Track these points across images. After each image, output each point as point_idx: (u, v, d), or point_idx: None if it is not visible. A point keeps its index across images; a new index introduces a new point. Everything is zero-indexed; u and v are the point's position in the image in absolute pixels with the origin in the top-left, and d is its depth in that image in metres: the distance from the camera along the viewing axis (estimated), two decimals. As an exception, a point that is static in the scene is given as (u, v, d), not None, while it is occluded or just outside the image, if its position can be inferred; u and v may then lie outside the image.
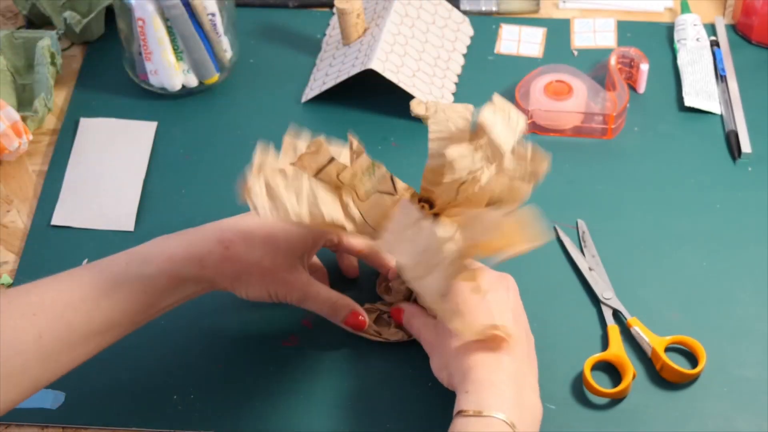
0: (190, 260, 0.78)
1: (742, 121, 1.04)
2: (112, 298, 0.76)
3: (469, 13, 1.16)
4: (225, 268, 0.80)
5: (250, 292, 0.82)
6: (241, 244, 0.79)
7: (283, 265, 0.81)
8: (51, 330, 0.74)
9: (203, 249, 0.79)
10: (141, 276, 0.77)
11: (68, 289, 0.76)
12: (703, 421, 0.83)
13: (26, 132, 1.02)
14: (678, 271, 0.93)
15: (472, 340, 0.76)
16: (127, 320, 0.78)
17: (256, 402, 0.85)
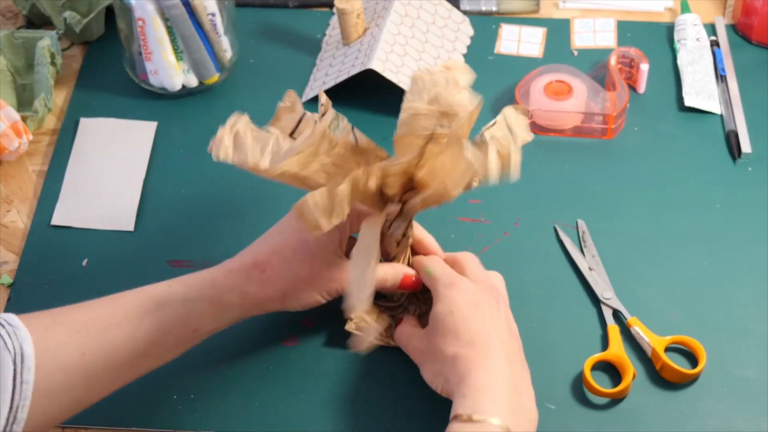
0: (230, 287, 0.79)
1: (742, 121, 1.04)
2: (155, 319, 0.76)
3: (469, 13, 1.16)
4: (268, 290, 0.80)
5: (302, 302, 0.82)
6: (277, 263, 0.80)
7: (323, 265, 0.81)
8: (94, 348, 0.74)
9: (242, 276, 0.80)
10: (183, 299, 0.78)
11: (111, 308, 0.77)
12: (703, 421, 0.83)
13: (26, 132, 1.02)
14: (678, 271, 0.93)
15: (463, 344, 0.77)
16: (170, 342, 0.78)
17: (256, 402, 0.85)
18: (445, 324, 0.79)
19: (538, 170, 1.01)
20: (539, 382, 0.86)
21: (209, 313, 0.79)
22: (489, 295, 0.81)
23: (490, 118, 1.06)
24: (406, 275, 0.85)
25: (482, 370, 0.75)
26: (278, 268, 0.80)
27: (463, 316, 0.78)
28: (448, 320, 0.79)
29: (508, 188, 1.00)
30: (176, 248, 0.96)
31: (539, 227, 0.97)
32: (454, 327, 0.78)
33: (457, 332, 0.78)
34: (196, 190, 1.01)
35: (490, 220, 0.97)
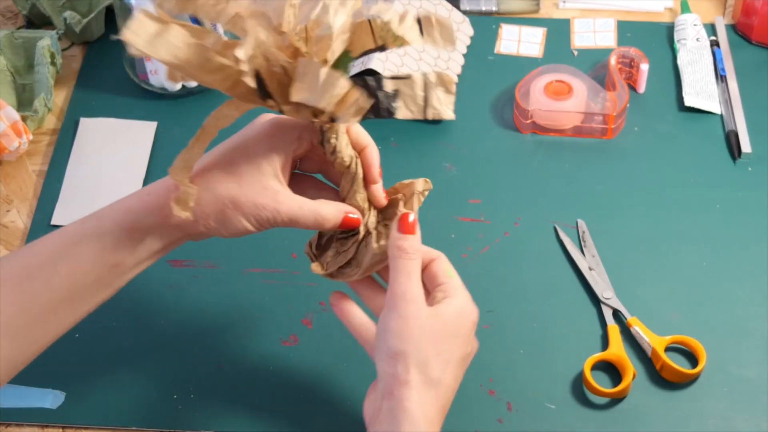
0: (147, 209, 0.72)
1: (742, 121, 1.04)
2: (70, 261, 0.71)
3: (469, 13, 1.16)
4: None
5: (229, 229, 0.73)
6: (202, 182, 0.71)
7: (252, 189, 0.72)
8: (10, 303, 0.70)
9: (161, 195, 0.72)
10: (98, 233, 0.71)
11: (24, 259, 0.72)
12: (703, 421, 0.83)
13: (26, 132, 1.02)
14: (678, 271, 0.93)
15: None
16: (92, 284, 0.72)
17: (256, 402, 0.85)
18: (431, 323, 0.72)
19: (538, 170, 1.01)
20: (539, 382, 0.86)
21: (128, 244, 0.72)
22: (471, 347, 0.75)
23: (487, 118, 1.06)
24: (346, 216, 0.76)
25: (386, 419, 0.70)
26: (202, 187, 0.71)
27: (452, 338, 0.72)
28: (453, 340, 0.72)
29: (508, 188, 1.00)
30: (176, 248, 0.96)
31: (539, 227, 0.97)
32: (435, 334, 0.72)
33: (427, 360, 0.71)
34: (196, 190, 1.01)
35: (490, 220, 0.97)
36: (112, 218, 0.72)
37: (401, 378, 0.70)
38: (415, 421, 0.69)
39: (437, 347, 0.71)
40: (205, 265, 0.95)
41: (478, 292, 0.91)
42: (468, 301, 0.75)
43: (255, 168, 0.73)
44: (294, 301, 0.92)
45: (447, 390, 0.72)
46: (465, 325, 0.74)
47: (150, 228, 0.72)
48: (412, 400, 0.70)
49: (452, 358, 0.72)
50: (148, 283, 0.94)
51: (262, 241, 0.96)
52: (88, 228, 0.72)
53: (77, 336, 0.90)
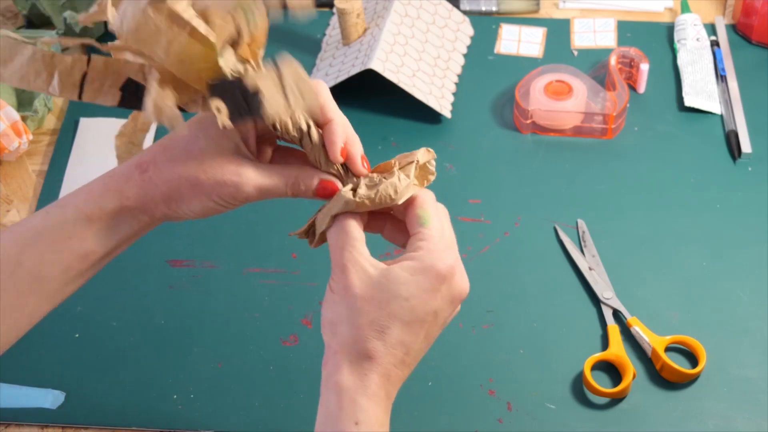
0: (109, 194, 0.69)
1: (742, 121, 1.04)
2: (34, 251, 0.69)
3: (469, 13, 1.16)
4: (149, 192, 0.69)
5: (192, 208, 0.70)
6: (161, 162, 0.69)
7: (213, 165, 0.69)
8: None
9: (121, 178, 0.70)
10: (61, 222, 0.69)
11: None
12: (703, 421, 0.83)
13: (26, 132, 1.02)
14: (678, 271, 0.93)
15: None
16: (59, 274, 0.70)
17: (256, 402, 0.85)
18: (391, 308, 0.67)
19: (538, 170, 1.01)
20: (539, 382, 0.86)
21: (94, 231, 0.69)
22: (452, 304, 0.70)
23: (487, 118, 1.06)
24: (322, 182, 0.71)
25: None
26: (162, 167, 0.69)
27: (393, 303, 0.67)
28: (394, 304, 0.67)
29: (508, 188, 1.00)
30: (176, 248, 0.96)
31: (539, 227, 0.97)
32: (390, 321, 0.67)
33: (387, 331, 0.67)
34: (196, 190, 1.01)
35: (490, 220, 0.97)
36: (75, 205, 0.69)
37: (333, 348, 0.68)
38: (344, 392, 0.67)
39: (370, 316, 0.67)
40: (205, 265, 0.95)
41: (478, 292, 0.91)
42: (434, 255, 0.68)
43: (214, 144, 0.70)
44: (294, 301, 0.92)
45: (389, 359, 0.68)
46: (419, 284, 0.67)
47: (114, 213, 0.70)
48: (343, 373, 0.68)
49: (392, 324, 0.67)
50: (148, 283, 0.94)
51: (262, 241, 0.97)
52: (52, 217, 0.69)
53: (77, 336, 0.90)
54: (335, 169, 0.71)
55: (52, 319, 0.91)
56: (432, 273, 0.68)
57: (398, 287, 0.67)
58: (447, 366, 0.85)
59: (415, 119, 1.04)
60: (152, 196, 0.69)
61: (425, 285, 0.68)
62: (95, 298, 0.92)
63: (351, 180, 0.72)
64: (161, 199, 0.70)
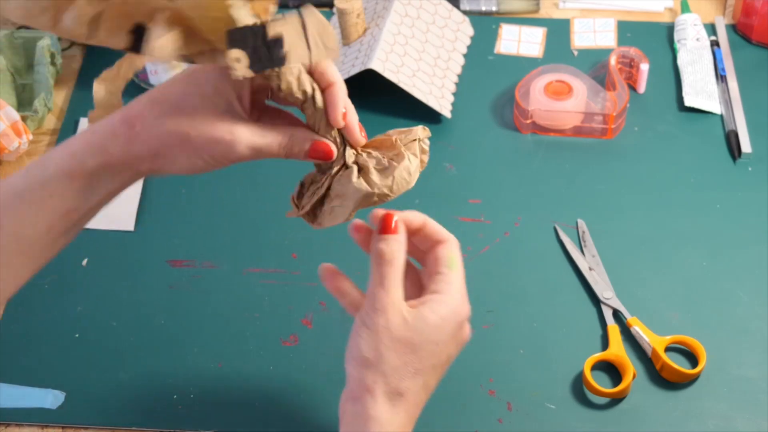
0: (91, 151, 0.67)
1: (742, 121, 1.04)
2: (16, 213, 0.67)
3: (469, 13, 1.16)
4: (136, 148, 0.67)
5: (179, 165, 0.68)
6: (149, 118, 0.67)
7: (205, 122, 0.67)
8: None
9: (105, 134, 0.67)
10: (42, 181, 0.67)
11: None
12: (703, 421, 0.83)
13: (26, 132, 1.02)
14: (678, 271, 0.93)
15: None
16: (44, 234, 0.68)
17: (256, 402, 0.85)
18: (401, 334, 0.69)
19: (538, 170, 1.01)
20: (539, 382, 0.86)
21: (76, 189, 0.67)
22: (460, 346, 0.73)
23: (487, 118, 1.06)
24: (315, 142, 0.70)
25: (352, 419, 0.70)
26: (150, 122, 0.66)
27: (406, 347, 0.69)
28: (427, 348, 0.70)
29: (508, 188, 1.00)
30: (176, 248, 0.96)
31: (539, 227, 0.97)
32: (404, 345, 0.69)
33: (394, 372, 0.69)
34: (196, 190, 1.01)
35: (490, 220, 0.97)
36: (56, 163, 0.67)
37: (366, 385, 0.69)
38: (382, 428, 0.69)
39: (405, 358, 0.69)
40: (205, 265, 0.95)
41: (478, 292, 0.91)
42: (458, 301, 0.71)
43: (207, 101, 0.68)
44: (294, 301, 0.92)
45: (415, 398, 0.71)
46: (446, 329, 0.71)
47: (96, 170, 0.67)
48: (378, 409, 0.69)
49: (423, 366, 0.70)
50: (148, 283, 0.94)
51: (262, 241, 0.97)
52: (33, 176, 0.67)
53: (77, 336, 0.90)
54: (332, 136, 0.70)
55: (52, 319, 0.91)
56: (458, 320, 0.72)
57: (430, 332, 0.70)
58: (447, 366, 0.85)
59: (415, 119, 1.04)
60: (138, 152, 0.67)
61: (451, 330, 0.71)
62: (95, 298, 0.92)
63: (345, 155, 0.70)
64: (148, 155, 0.67)
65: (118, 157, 0.67)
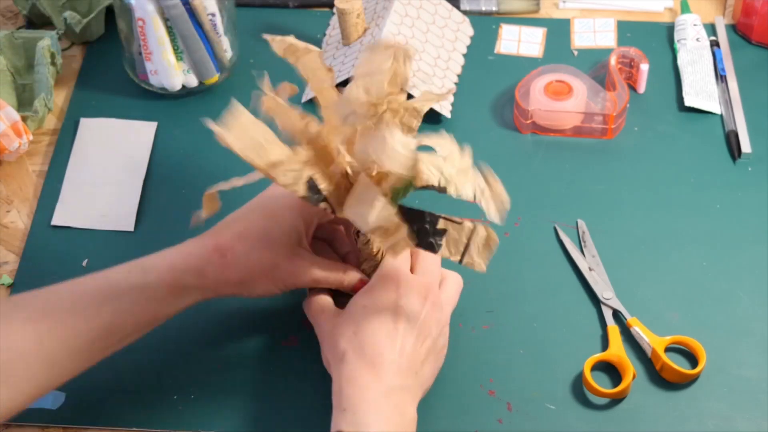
0: (190, 271, 0.78)
1: (742, 121, 1.04)
2: (113, 306, 0.77)
3: (469, 13, 1.16)
4: (226, 275, 0.79)
5: (257, 291, 0.82)
6: (239, 249, 0.79)
7: (284, 256, 0.80)
8: (52, 335, 0.74)
9: (202, 259, 0.79)
10: (142, 285, 0.78)
11: (70, 296, 0.77)
12: (703, 421, 0.83)
13: (26, 132, 1.02)
14: (678, 271, 0.93)
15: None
16: (129, 327, 0.78)
17: (256, 402, 0.85)
18: (354, 316, 0.78)
19: (538, 170, 1.01)
20: (539, 382, 0.86)
21: (168, 299, 0.79)
22: (419, 295, 0.79)
23: (487, 118, 1.06)
24: (361, 281, 0.84)
25: (361, 382, 0.75)
26: (239, 254, 0.79)
27: (374, 312, 0.78)
28: (358, 314, 0.78)
29: (508, 188, 1.00)
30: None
31: (539, 227, 0.97)
32: (358, 322, 0.78)
33: (359, 330, 0.77)
34: (196, 190, 1.01)
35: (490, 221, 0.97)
36: (157, 274, 0.78)
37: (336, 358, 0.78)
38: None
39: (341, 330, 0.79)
40: (205, 265, 0.95)
41: (478, 292, 0.92)
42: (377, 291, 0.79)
43: (287, 237, 0.80)
44: (294, 301, 0.92)
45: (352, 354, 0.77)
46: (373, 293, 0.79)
47: (189, 287, 0.79)
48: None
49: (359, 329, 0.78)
50: (148, 283, 0.94)
51: (262, 241, 0.97)
52: (134, 279, 0.78)
53: (77, 336, 0.90)
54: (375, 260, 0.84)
55: (52, 320, 0.91)
56: (380, 281, 0.79)
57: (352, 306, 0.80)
58: (447, 366, 0.85)
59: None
60: (228, 279, 0.79)
61: (377, 290, 0.79)
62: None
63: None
64: (236, 282, 0.80)
65: (211, 281, 0.79)
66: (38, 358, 0.74)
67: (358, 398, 0.74)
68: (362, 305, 0.79)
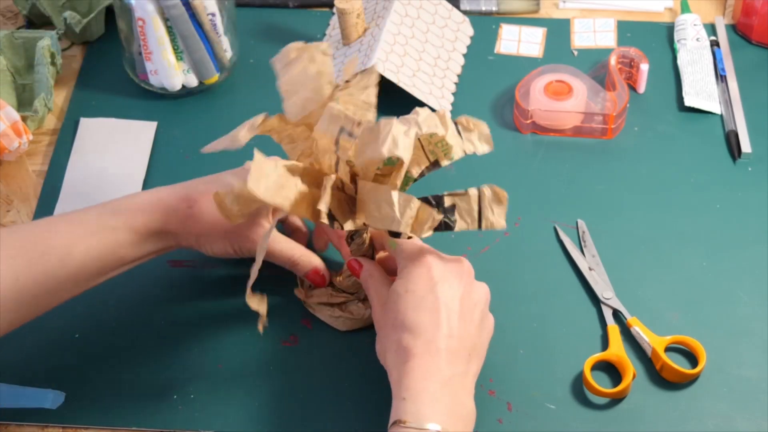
0: (156, 215, 0.82)
1: (742, 121, 1.04)
2: (84, 248, 0.80)
3: (469, 13, 1.16)
4: (188, 225, 0.83)
5: (214, 248, 0.85)
6: (205, 203, 0.82)
7: (248, 225, 0.84)
8: (27, 274, 0.77)
9: (169, 205, 0.82)
10: (112, 227, 0.81)
11: (45, 236, 0.80)
12: (703, 421, 0.83)
13: (26, 132, 1.02)
14: (678, 271, 0.93)
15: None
16: (96, 269, 0.82)
17: (256, 402, 0.85)
18: (398, 304, 0.78)
19: (538, 170, 1.01)
20: (539, 382, 0.86)
21: (135, 242, 0.82)
22: (455, 275, 0.79)
23: (487, 118, 1.06)
24: (315, 269, 0.88)
25: (419, 371, 0.75)
26: (204, 209, 0.82)
27: (416, 298, 0.77)
28: (401, 301, 0.78)
29: (508, 188, 1.00)
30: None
31: (539, 227, 0.97)
32: (404, 310, 0.77)
33: (405, 317, 0.77)
34: (196, 190, 1.01)
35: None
36: (127, 216, 0.82)
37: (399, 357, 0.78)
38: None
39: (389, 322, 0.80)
40: (205, 265, 0.95)
41: (478, 292, 0.92)
42: (411, 274, 0.79)
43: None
44: (294, 301, 0.92)
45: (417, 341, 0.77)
46: (410, 278, 0.79)
47: (155, 231, 0.82)
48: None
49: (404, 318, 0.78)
50: (148, 283, 0.94)
51: (262, 241, 0.97)
52: (104, 221, 0.81)
53: (77, 336, 0.90)
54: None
55: (52, 319, 0.91)
56: (412, 264, 0.79)
57: (393, 293, 0.79)
58: (447, 366, 0.85)
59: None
60: (189, 229, 0.83)
61: (413, 275, 0.79)
62: (95, 298, 0.92)
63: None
64: (195, 233, 0.84)
65: (174, 229, 0.83)
66: (12, 295, 0.77)
67: (417, 389, 0.74)
68: (403, 290, 0.78)
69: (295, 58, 0.79)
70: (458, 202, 0.78)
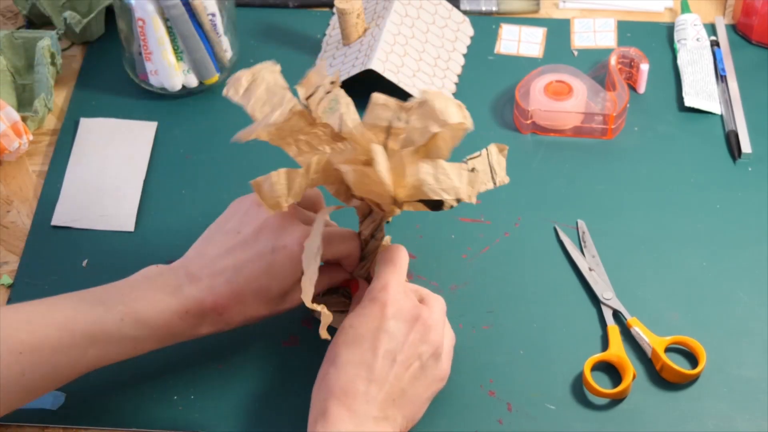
0: (182, 328, 0.80)
1: (742, 121, 1.04)
2: (101, 350, 0.78)
3: (469, 13, 1.16)
4: (221, 327, 0.82)
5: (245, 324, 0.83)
6: (236, 308, 0.80)
7: (278, 301, 0.82)
8: (35, 370, 0.75)
9: (197, 318, 0.80)
10: (134, 336, 0.78)
11: (59, 334, 0.76)
12: (703, 421, 0.83)
13: (26, 132, 1.02)
14: (678, 271, 0.93)
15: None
16: (111, 363, 0.80)
17: (257, 402, 0.85)
18: (338, 337, 0.78)
19: (538, 170, 1.01)
20: (539, 382, 0.86)
21: (156, 345, 0.81)
22: (407, 320, 0.78)
23: (487, 118, 1.06)
24: (352, 282, 0.86)
25: (336, 411, 0.74)
26: (235, 311, 0.80)
27: (355, 335, 0.77)
28: (341, 334, 0.78)
29: (508, 188, 1.00)
30: (176, 248, 0.96)
31: (539, 227, 0.97)
32: (339, 344, 0.77)
33: (338, 352, 0.77)
34: (196, 190, 1.01)
35: (490, 220, 0.97)
36: (151, 330, 0.79)
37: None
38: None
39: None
40: (205, 265, 0.95)
41: (478, 293, 0.92)
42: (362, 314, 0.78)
43: (284, 290, 0.81)
44: (294, 301, 0.92)
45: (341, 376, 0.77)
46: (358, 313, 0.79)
47: (181, 335, 0.81)
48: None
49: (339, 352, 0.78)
50: (148, 283, 0.93)
51: (262, 241, 0.96)
52: (126, 330, 0.78)
53: (77, 336, 0.90)
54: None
55: (52, 320, 0.91)
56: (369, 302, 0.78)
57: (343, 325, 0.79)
58: (447, 366, 0.85)
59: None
60: (223, 329, 0.82)
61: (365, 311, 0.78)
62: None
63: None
64: (231, 327, 0.82)
65: (206, 331, 0.81)
66: (17, 388, 0.75)
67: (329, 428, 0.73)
68: (348, 325, 0.78)
69: (252, 81, 0.78)
70: (477, 164, 0.78)
